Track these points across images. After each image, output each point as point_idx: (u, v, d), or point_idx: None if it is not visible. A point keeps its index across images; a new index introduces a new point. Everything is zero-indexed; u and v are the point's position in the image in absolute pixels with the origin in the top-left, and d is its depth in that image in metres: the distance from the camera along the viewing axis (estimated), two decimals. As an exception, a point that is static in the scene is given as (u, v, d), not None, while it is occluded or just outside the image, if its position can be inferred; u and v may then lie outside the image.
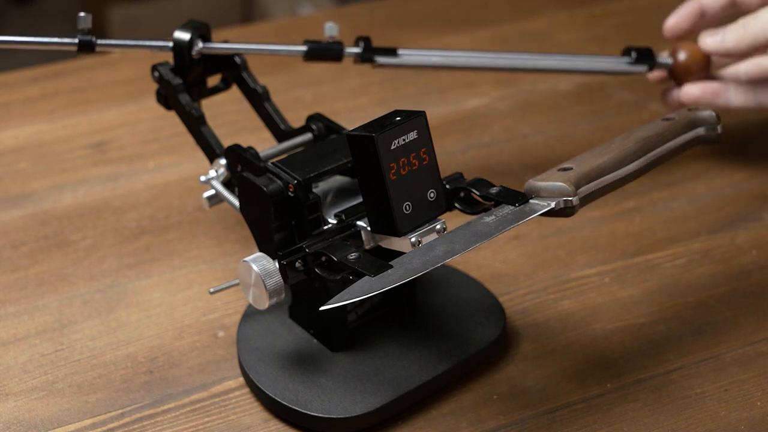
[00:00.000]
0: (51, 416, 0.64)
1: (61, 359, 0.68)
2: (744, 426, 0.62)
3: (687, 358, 0.67)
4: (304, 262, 0.60)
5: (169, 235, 0.79)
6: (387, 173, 0.57)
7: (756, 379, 0.65)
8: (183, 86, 0.71)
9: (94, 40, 0.70)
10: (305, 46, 0.74)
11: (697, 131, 0.66)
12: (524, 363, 0.67)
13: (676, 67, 0.80)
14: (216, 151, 0.69)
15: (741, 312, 0.71)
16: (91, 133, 0.93)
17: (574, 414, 0.63)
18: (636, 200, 0.82)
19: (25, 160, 0.89)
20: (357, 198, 0.63)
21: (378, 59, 0.76)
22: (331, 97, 0.97)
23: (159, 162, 0.88)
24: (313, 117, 0.70)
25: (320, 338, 0.66)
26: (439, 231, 0.59)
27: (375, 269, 0.56)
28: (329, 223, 0.62)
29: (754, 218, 0.80)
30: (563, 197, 0.60)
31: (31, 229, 0.80)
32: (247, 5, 2.44)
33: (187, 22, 0.72)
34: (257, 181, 0.61)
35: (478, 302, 0.69)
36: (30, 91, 0.99)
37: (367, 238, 0.61)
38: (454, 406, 0.64)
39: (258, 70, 0.76)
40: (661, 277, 0.74)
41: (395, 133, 0.57)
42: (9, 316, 0.72)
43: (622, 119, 0.92)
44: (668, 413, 0.63)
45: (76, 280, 0.75)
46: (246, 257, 0.61)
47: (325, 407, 0.62)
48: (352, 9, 1.16)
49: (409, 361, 0.65)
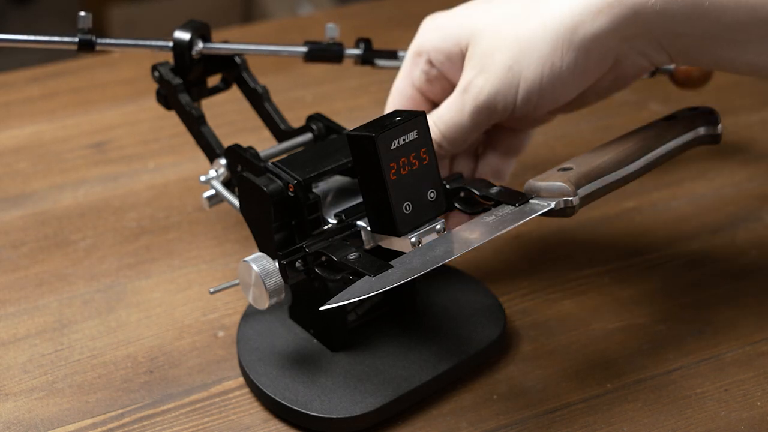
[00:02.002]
0: (51, 416, 0.64)
1: (61, 359, 0.68)
2: (744, 426, 0.62)
3: (687, 358, 0.67)
4: (304, 262, 0.60)
5: (169, 235, 0.79)
6: (387, 173, 0.57)
7: (756, 379, 0.65)
8: (183, 86, 0.71)
9: (94, 40, 0.70)
10: (305, 47, 0.74)
11: (697, 131, 0.66)
12: (524, 363, 0.67)
13: (677, 72, 0.80)
14: (216, 151, 0.69)
15: (741, 312, 0.71)
16: (91, 133, 0.93)
17: (574, 414, 0.63)
18: (636, 200, 0.82)
19: (25, 160, 0.89)
20: (357, 198, 0.63)
21: (378, 62, 0.76)
22: (331, 97, 0.97)
23: (159, 162, 0.88)
24: (313, 117, 0.70)
25: (320, 338, 0.66)
26: (439, 231, 0.59)
27: (375, 269, 0.56)
28: (329, 223, 0.62)
29: (754, 218, 0.80)
30: (563, 197, 0.60)
31: (31, 229, 0.80)
32: (247, 5, 2.44)
33: (187, 22, 0.72)
34: (257, 181, 0.61)
35: (478, 302, 0.69)
36: (30, 91, 0.99)
37: (367, 238, 0.61)
38: (454, 406, 0.64)
39: (258, 70, 0.76)
40: (661, 277, 0.74)
41: (395, 133, 0.57)
42: (9, 316, 0.72)
43: (622, 119, 0.92)
44: (668, 413, 0.63)
45: (76, 280, 0.75)
46: (246, 257, 0.61)
47: (325, 407, 0.62)
48: (352, 9, 1.16)
49: (409, 361, 0.65)
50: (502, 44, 0.63)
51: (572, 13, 0.61)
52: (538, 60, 0.62)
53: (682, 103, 0.70)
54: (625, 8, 0.60)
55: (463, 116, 0.65)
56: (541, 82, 0.62)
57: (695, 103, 0.68)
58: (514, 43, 0.63)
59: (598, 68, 0.63)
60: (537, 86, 0.63)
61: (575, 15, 0.61)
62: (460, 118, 0.65)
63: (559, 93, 0.63)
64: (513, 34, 0.63)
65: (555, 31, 0.61)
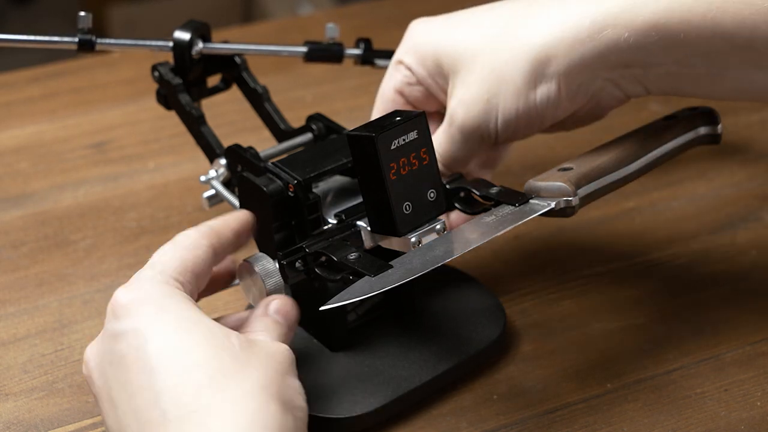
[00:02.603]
0: (51, 416, 0.64)
1: (61, 359, 0.68)
2: (744, 426, 0.62)
3: (687, 358, 0.67)
4: (304, 262, 0.60)
5: (169, 235, 0.78)
6: (387, 173, 0.57)
7: (756, 379, 0.65)
8: (183, 86, 0.71)
9: (94, 39, 0.70)
10: (306, 47, 0.74)
11: (697, 131, 0.66)
12: (524, 363, 0.67)
13: None
14: (216, 151, 0.69)
15: (741, 312, 0.71)
16: (92, 133, 0.93)
17: (574, 414, 0.63)
18: (636, 200, 0.82)
19: (26, 160, 0.89)
20: (357, 198, 0.63)
21: (378, 62, 0.76)
22: (331, 97, 0.97)
23: (159, 162, 0.88)
24: (313, 117, 0.70)
25: (320, 338, 0.66)
26: (439, 231, 0.59)
27: (375, 269, 0.56)
28: (329, 223, 0.62)
29: (754, 218, 0.80)
30: (563, 197, 0.60)
31: (31, 229, 0.80)
32: (247, 5, 2.44)
33: (187, 22, 0.72)
34: (257, 181, 0.61)
35: (478, 302, 0.69)
36: (30, 91, 0.99)
37: (367, 238, 0.61)
38: (454, 406, 0.64)
39: (258, 70, 0.76)
40: (661, 277, 0.74)
41: (395, 133, 0.57)
42: (9, 316, 0.72)
43: (622, 119, 0.91)
44: (668, 413, 0.63)
45: (76, 280, 0.75)
46: (246, 257, 0.61)
47: (325, 407, 0.62)
48: (352, 9, 1.16)
49: (409, 361, 0.65)
50: (479, 77, 0.63)
51: (546, 44, 0.61)
52: (513, 92, 0.62)
53: (682, 103, 0.70)
54: (599, 42, 0.60)
55: (454, 145, 0.66)
56: (517, 113, 0.63)
57: (695, 103, 0.68)
58: (491, 74, 0.63)
59: (572, 100, 0.63)
60: (513, 117, 0.63)
61: (549, 47, 0.61)
62: (452, 148, 0.66)
63: (534, 122, 0.64)
64: (489, 66, 0.63)
65: (529, 63, 0.62)
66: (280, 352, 0.55)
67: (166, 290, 0.55)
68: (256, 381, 0.51)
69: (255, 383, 0.51)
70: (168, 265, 0.56)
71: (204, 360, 0.51)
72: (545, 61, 0.61)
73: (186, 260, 0.57)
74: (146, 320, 0.53)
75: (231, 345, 0.52)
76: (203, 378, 0.50)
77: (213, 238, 0.59)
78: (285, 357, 0.55)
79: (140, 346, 0.52)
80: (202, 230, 0.59)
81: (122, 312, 0.54)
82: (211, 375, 0.50)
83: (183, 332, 0.52)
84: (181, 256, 0.57)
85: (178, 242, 0.58)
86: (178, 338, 0.52)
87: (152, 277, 0.55)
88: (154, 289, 0.55)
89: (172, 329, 0.52)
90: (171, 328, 0.52)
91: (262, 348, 0.54)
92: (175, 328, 0.52)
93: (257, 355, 0.53)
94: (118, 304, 0.54)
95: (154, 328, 0.52)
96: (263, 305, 0.60)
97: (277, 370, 0.53)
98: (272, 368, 0.53)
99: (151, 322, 0.53)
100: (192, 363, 0.51)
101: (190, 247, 0.58)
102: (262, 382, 0.51)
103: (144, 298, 0.54)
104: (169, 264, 0.56)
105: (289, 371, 0.54)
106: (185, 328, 0.52)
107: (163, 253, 0.57)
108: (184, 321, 0.53)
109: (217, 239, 0.59)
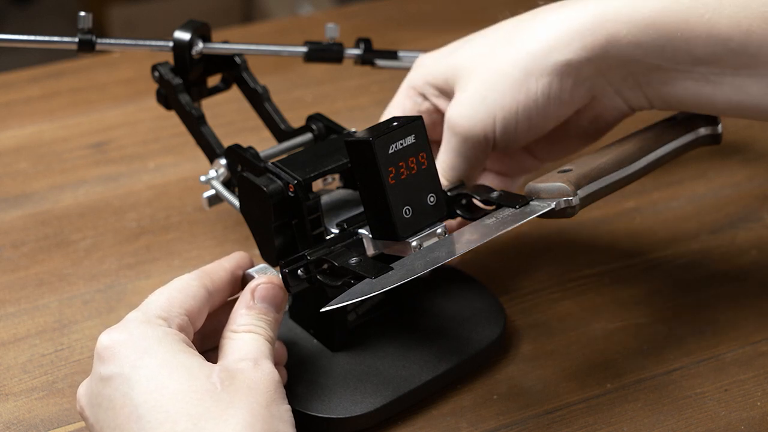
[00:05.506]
0: (51, 416, 0.64)
1: (61, 359, 0.68)
2: (744, 426, 0.62)
3: (687, 358, 0.67)
4: (306, 270, 0.60)
5: (169, 235, 0.79)
6: (385, 177, 0.57)
7: (756, 379, 0.65)
8: (183, 86, 0.71)
9: (94, 40, 0.70)
10: (305, 47, 0.74)
11: (697, 132, 0.66)
12: (524, 363, 0.67)
13: None
14: (216, 151, 0.69)
15: (741, 312, 0.71)
16: (91, 133, 0.93)
17: (574, 414, 0.63)
18: (636, 200, 0.82)
19: (25, 160, 0.89)
20: (359, 209, 0.63)
21: (378, 62, 0.76)
22: (331, 97, 0.97)
23: (159, 162, 0.88)
24: (313, 117, 0.70)
25: (320, 338, 0.66)
26: (440, 235, 0.59)
27: (375, 272, 0.56)
28: (332, 233, 0.62)
29: (754, 218, 0.80)
30: (563, 197, 0.60)
31: (31, 229, 0.80)
32: (247, 5, 2.44)
33: (187, 22, 0.72)
34: (257, 181, 0.61)
35: (478, 302, 0.69)
36: (30, 91, 0.99)
37: (369, 245, 0.61)
38: (454, 406, 0.64)
39: (258, 70, 0.76)
40: (661, 277, 0.74)
41: (392, 137, 0.57)
42: (9, 316, 0.72)
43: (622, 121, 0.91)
44: (668, 413, 0.63)
45: (76, 280, 0.75)
46: (249, 269, 0.61)
47: (325, 407, 0.62)
48: (352, 9, 1.16)
49: (409, 361, 0.65)
50: (476, 77, 0.64)
51: (545, 41, 0.62)
52: (511, 86, 0.63)
53: (682, 104, 0.70)
54: (597, 37, 0.61)
55: (453, 153, 0.66)
56: (518, 109, 0.63)
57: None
58: (487, 73, 0.63)
59: (573, 97, 0.63)
60: (514, 114, 0.63)
61: (548, 42, 0.62)
62: (451, 157, 0.66)
63: (536, 121, 0.64)
64: (485, 66, 0.64)
65: (527, 58, 0.62)
66: (263, 381, 0.55)
67: (147, 331, 0.55)
68: (241, 420, 0.52)
69: (239, 424, 0.52)
70: (154, 304, 0.57)
71: (187, 408, 0.52)
72: (544, 54, 0.62)
73: (174, 298, 0.58)
74: (129, 365, 0.54)
75: (212, 386, 0.53)
76: (188, 425, 0.51)
77: (205, 279, 0.60)
78: (268, 384, 0.55)
79: (126, 393, 0.53)
80: (194, 273, 0.60)
81: (107, 355, 0.54)
82: (195, 422, 0.51)
83: (165, 378, 0.53)
84: (169, 295, 0.58)
85: (170, 285, 0.59)
86: (162, 384, 0.53)
87: (136, 318, 0.56)
88: (136, 330, 0.55)
89: (153, 374, 0.53)
90: (153, 373, 0.53)
91: (244, 381, 0.54)
92: (156, 374, 0.53)
93: (240, 391, 0.53)
94: (102, 346, 0.55)
95: (138, 374, 0.53)
96: (248, 293, 0.60)
97: (261, 404, 0.53)
98: (256, 402, 0.53)
99: (134, 367, 0.54)
100: (176, 411, 0.52)
101: (180, 287, 0.59)
102: (247, 420, 0.52)
103: (125, 340, 0.55)
104: (155, 304, 0.57)
105: (274, 399, 0.54)
106: (167, 373, 0.53)
107: (154, 295, 0.58)
108: (165, 366, 0.54)
109: (209, 279, 0.60)
